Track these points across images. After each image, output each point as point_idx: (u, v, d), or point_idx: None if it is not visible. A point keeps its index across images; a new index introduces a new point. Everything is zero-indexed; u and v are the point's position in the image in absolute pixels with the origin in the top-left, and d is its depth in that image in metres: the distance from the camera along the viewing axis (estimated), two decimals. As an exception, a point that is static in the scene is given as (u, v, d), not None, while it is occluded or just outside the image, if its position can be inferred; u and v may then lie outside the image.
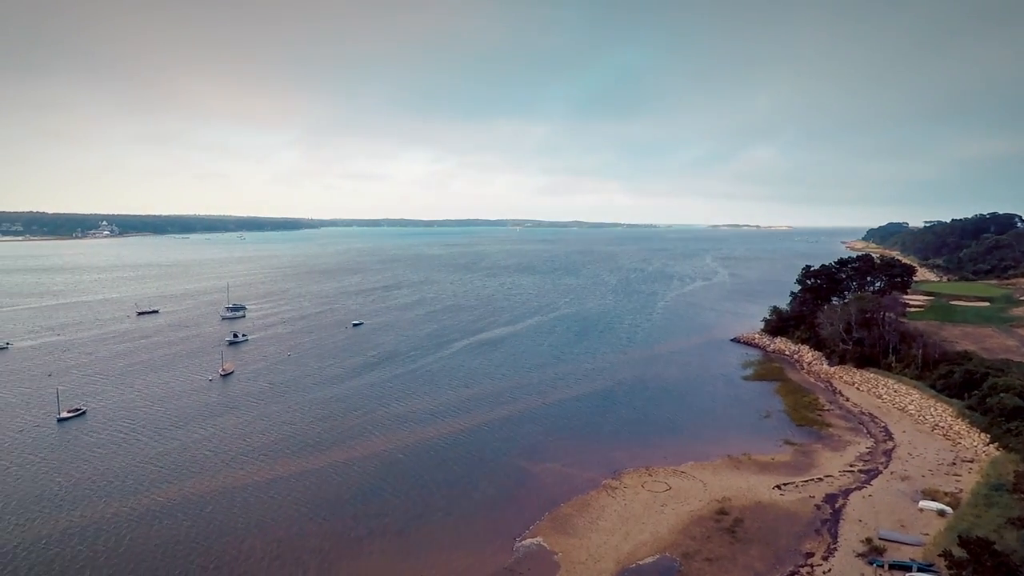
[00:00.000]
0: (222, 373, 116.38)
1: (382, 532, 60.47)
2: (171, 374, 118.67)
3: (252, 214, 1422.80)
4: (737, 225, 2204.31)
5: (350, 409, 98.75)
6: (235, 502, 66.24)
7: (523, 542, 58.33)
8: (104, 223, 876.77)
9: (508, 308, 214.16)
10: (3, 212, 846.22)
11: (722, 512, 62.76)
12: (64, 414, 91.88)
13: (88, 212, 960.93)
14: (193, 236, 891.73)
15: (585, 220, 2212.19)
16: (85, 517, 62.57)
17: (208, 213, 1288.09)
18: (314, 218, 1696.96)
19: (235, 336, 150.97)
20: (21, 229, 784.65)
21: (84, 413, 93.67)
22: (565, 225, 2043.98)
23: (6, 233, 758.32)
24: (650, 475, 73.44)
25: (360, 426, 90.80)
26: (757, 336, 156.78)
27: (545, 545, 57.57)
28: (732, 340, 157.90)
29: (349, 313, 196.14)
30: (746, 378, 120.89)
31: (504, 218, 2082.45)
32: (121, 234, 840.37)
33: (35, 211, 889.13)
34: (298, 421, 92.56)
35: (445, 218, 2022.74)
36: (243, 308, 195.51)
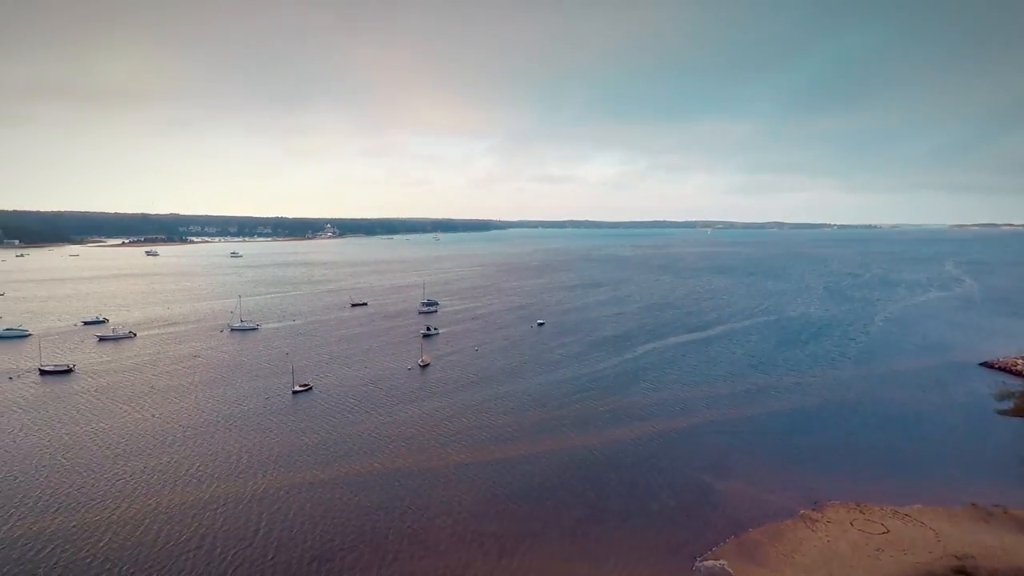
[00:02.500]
0: (421, 364, 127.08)
1: (558, 528, 60.56)
2: (378, 360, 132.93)
3: (446, 216, 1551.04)
4: (993, 224, 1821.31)
5: (533, 405, 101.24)
6: (428, 479, 71.51)
7: (705, 562, 54.11)
8: (328, 226, 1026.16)
9: (700, 312, 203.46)
10: (258, 217, 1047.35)
11: (962, 572, 51.59)
12: (297, 388, 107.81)
13: (317, 216, 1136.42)
14: (396, 237, 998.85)
15: (786, 221, 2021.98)
16: (310, 475, 72.42)
17: (409, 216, 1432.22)
18: (502, 220, 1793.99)
19: (428, 329, 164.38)
20: (270, 231, 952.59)
21: (311, 389, 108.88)
22: (762, 226, 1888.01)
23: (260, 234, 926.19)
24: (862, 512, 63.44)
25: (541, 422, 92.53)
26: (1020, 361, 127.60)
27: (730, 570, 52.72)
28: (982, 364, 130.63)
29: (535, 312, 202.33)
30: (1002, 412, 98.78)
31: (693, 219, 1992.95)
32: (341, 235, 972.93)
33: (280, 216, 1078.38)
34: (485, 412, 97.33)
35: (631, 220, 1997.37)
36: (436, 304, 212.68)
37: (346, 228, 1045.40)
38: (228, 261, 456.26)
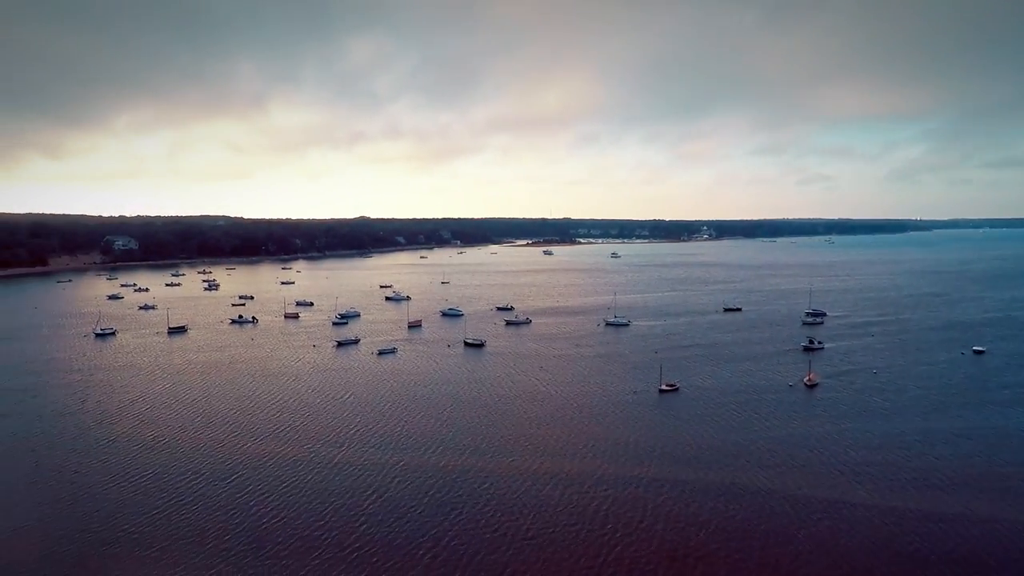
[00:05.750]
0: (807, 383, 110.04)
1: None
2: (751, 371, 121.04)
3: (845, 216, 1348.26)
4: None
5: (971, 452, 76.32)
6: (805, 511, 59.40)
7: None
8: (704, 228, 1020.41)
9: None
10: (637, 220, 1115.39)
11: None
12: (664, 387, 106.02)
13: (693, 219, 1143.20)
14: (780, 239, 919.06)
15: None
16: (674, 472, 68.57)
17: (798, 216, 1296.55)
18: (924, 219, 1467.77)
19: (811, 343, 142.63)
20: (647, 233, 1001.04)
21: (678, 390, 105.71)
22: None
23: (638, 236, 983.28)
24: None
25: (983, 477, 68.09)
26: None
27: None
28: None
29: (971, 335, 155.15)
30: None
31: None
32: (716, 237, 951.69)
33: (657, 219, 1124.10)
34: (895, 449, 77.64)
35: None
36: (823, 314, 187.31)
37: (723, 230, 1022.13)
38: (608, 261, 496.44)
